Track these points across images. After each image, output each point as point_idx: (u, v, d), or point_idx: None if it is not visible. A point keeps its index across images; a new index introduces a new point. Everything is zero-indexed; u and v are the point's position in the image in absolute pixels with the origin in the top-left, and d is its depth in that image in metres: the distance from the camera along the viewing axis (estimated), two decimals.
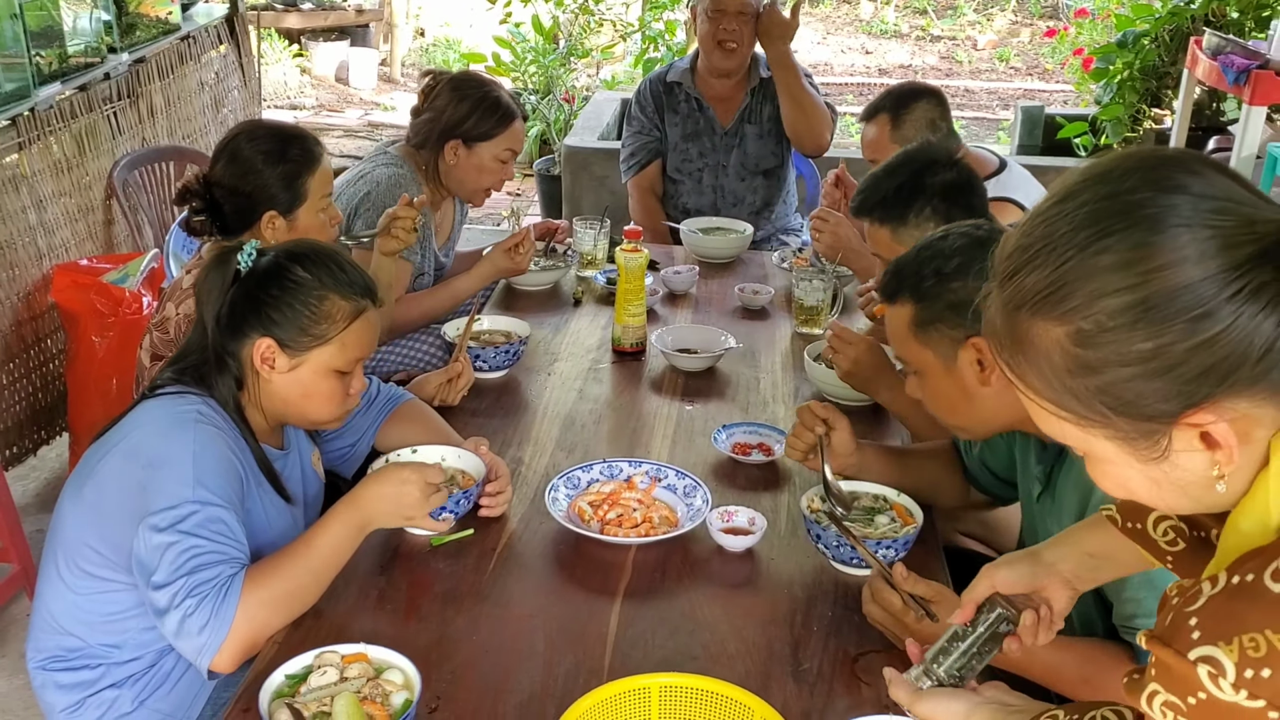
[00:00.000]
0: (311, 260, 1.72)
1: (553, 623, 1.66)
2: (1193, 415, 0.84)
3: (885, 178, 2.18)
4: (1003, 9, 12.50)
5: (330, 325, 1.70)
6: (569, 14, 6.83)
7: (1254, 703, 0.78)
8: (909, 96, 2.83)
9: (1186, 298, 0.81)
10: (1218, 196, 0.83)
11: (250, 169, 2.20)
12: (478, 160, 2.80)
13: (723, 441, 2.15)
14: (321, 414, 1.79)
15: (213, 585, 1.51)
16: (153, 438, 1.65)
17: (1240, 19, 4.62)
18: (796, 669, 1.58)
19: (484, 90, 2.81)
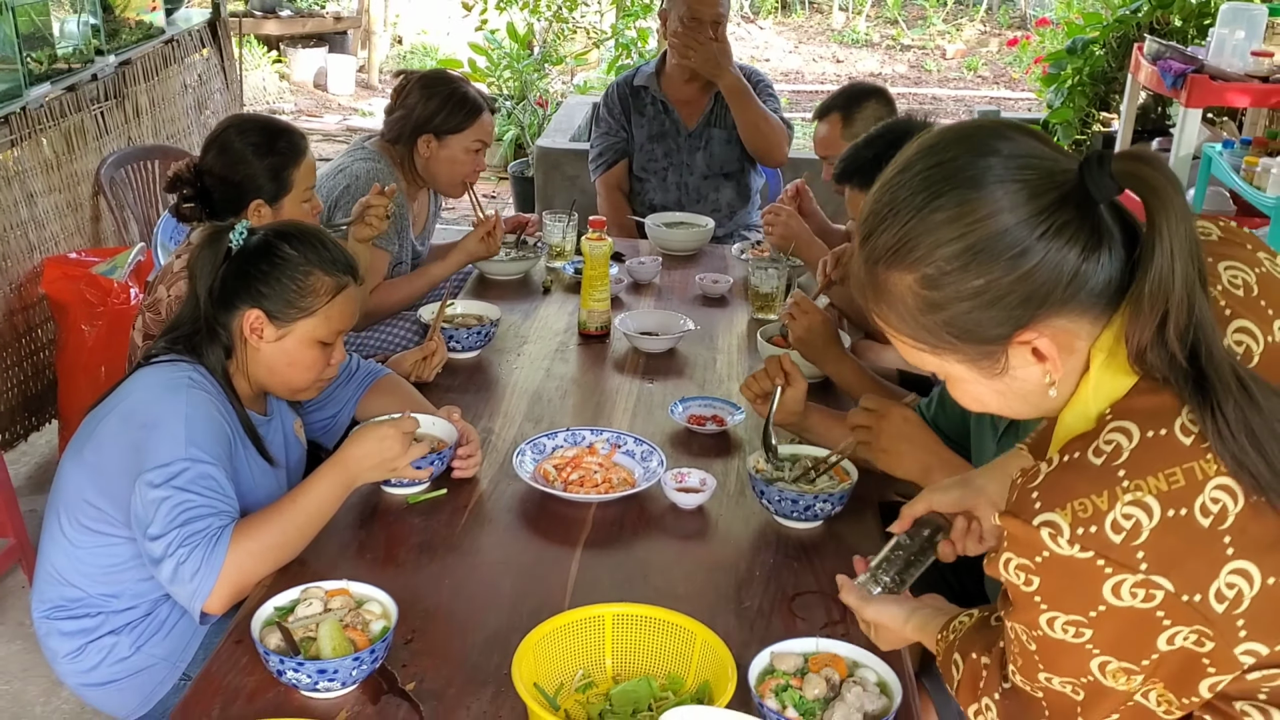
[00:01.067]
0: (298, 239, 1.87)
1: (518, 570, 1.82)
2: (1022, 335, 1.05)
3: (864, 147, 2.34)
4: (971, 19, 12.73)
5: (315, 299, 1.86)
6: (544, 21, 7.00)
7: (1085, 554, 0.96)
8: (860, 96, 3.01)
9: (1006, 240, 1.01)
10: (1024, 154, 1.03)
11: (240, 159, 2.35)
12: (449, 153, 2.96)
13: (679, 413, 2.31)
14: (302, 381, 1.93)
15: (204, 535, 1.65)
16: (147, 401, 1.79)
17: (1183, 26, 4.82)
18: (739, 607, 1.74)
19: (452, 86, 2.97)
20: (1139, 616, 0.97)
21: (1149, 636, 0.98)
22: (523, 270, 3.15)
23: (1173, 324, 0.98)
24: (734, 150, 3.78)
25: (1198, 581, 0.95)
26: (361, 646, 1.51)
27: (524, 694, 1.40)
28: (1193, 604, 0.95)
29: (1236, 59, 4.06)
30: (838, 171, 2.39)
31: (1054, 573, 1.00)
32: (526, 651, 1.48)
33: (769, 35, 12.05)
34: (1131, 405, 1.02)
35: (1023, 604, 1.05)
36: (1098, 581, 0.97)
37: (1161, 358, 0.99)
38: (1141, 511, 0.95)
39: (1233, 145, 3.91)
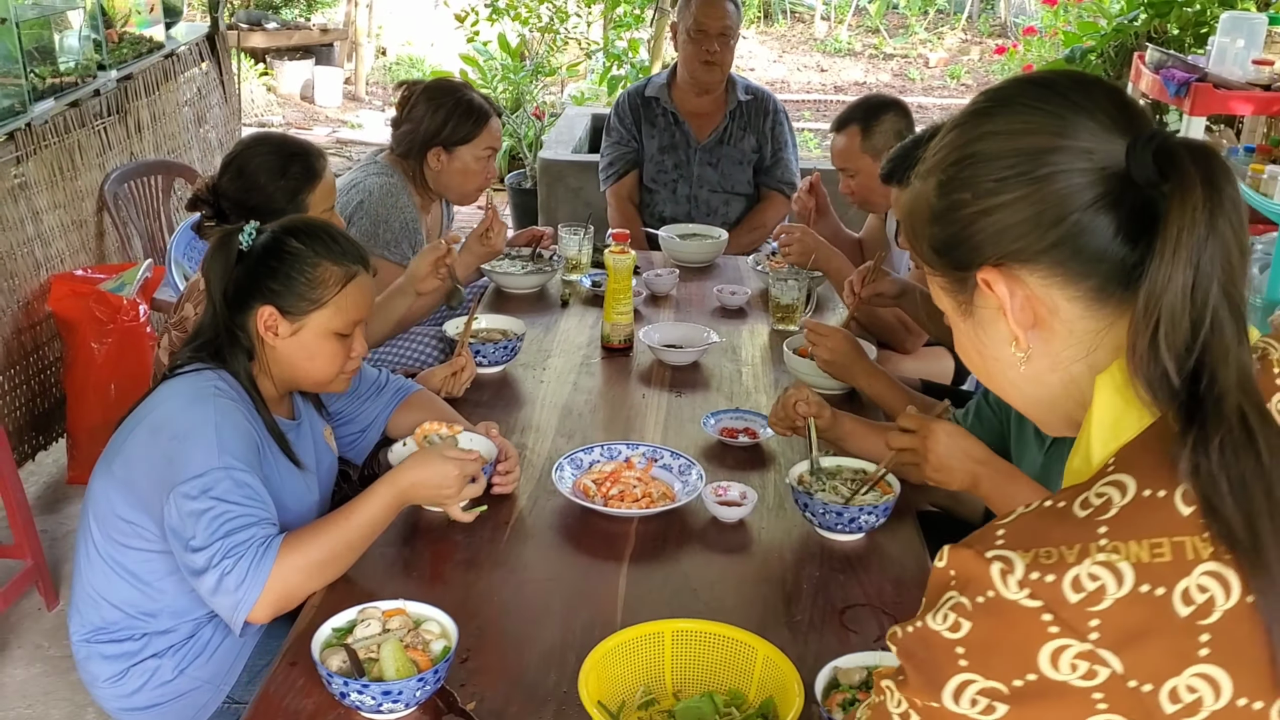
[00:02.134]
0: (305, 233, 1.87)
1: (566, 585, 1.81)
2: (986, 270, 0.95)
3: (914, 148, 2.38)
4: (953, 28, 12.83)
5: (325, 290, 1.85)
6: (534, 32, 7.00)
7: (1032, 603, 0.80)
8: (878, 109, 3.03)
9: (1026, 158, 0.92)
10: None
11: (254, 184, 2.34)
12: (460, 164, 2.95)
13: (711, 426, 2.31)
14: (325, 374, 1.91)
15: (249, 545, 1.64)
16: (176, 412, 1.78)
17: (1180, 35, 4.87)
18: (790, 620, 1.74)
19: (457, 96, 2.95)
20: (1071, 697, 0.79)
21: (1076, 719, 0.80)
22: (539, 284, 3.14)
23: (1164, 334, 0.85)
24: (745, 173, 3.81)
25: (1154, 671, 0.78)
26: (424, 667, 1.50)
27: (592, 712, 1.40)
28: (1139, 694, 0.78)
29: (1237, 67, 4.10)
30: (886, 171, 2.41)
31: (990, 620, 0.81)
32: (590, 670, 1.48)
33: (752, 45, 12.10)
34: (1137, 455, 0.87)
35: (932, 664, 0.84)
36: (1036, 642, 0.79)
37: (1154, 373, 0.86)
38: (1111, 576, 0.79)
39: (1238, 152, 3.95)
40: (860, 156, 3.01)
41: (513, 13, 6.79)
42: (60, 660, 2.78)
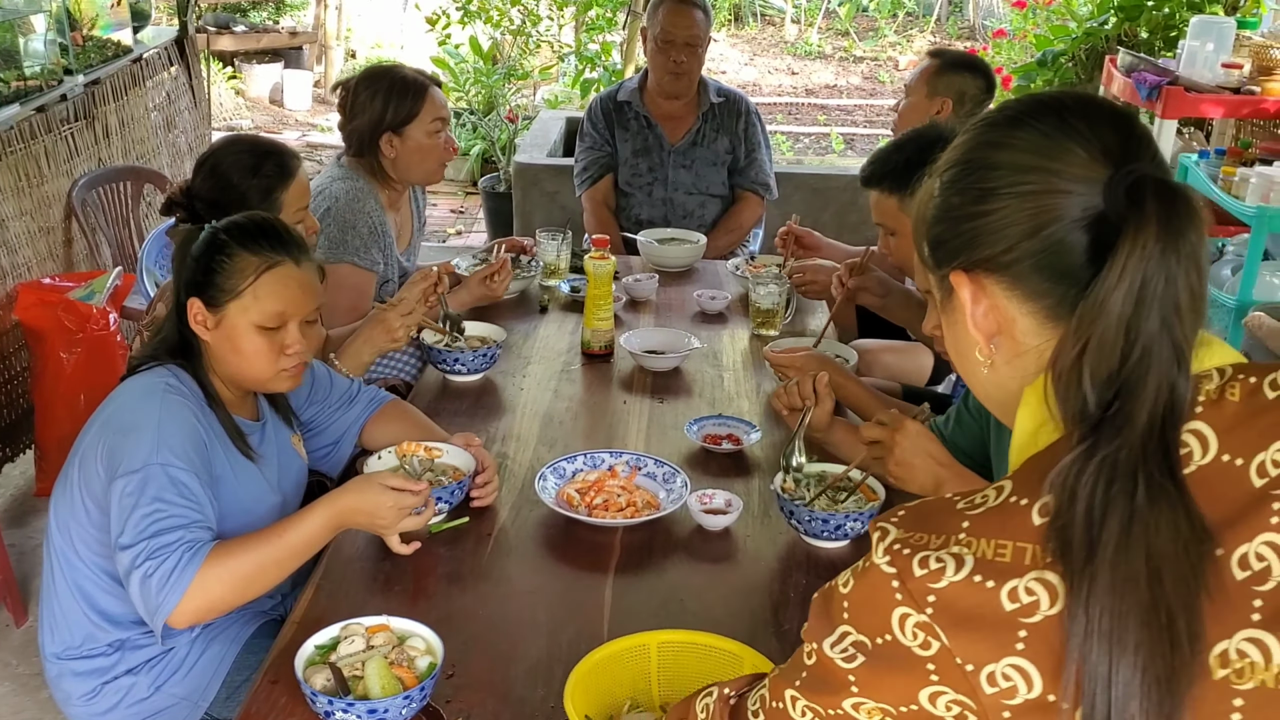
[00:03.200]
0: (234, 225, 1.84)
1: (552, 597, 1.79)
2: (956, 273, 0.99)
3: (894, 152, 2.36)
4: (922, 30, 12.89)
5: (240, 279, 1.79)
6: (506, 35, 6.97)
7: (889, 569, 0.90)
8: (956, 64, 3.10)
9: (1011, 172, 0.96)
10: None
11: (227, 183, 2.30)
12: (413, 143, 2.86)
13: (694, 433, 2.29)
14: (256, 371, 1.84)
15: (173, 548, 1.58)
16: (124, 409, 1.76)
17: (1150, 39, 4.90)
18: (779, 629, 1.72)
19: (390, 77, 2.87)
20: (912, 660, 0.90)
21: (914, 685, 0.90)
22: (518, 290, 3.12)
23: (1090, 358, 0.87)
24: (719, 174, 3.80)
25: (976, 654, 0.86)
26: (409, 684, 1.47)
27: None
28: (964, 671, 0.87)
29: (1207, 71, 4.13)
30: (865, 175, 2.40)
31: (864, 580, 0.93)
32: (576, 684, 1.46)
33: (723, 48, 12.11)
34: (1031, 464, 0.92)
35: (825, 614, 0.97)
36: (889, 606, 0.90)
37: (1070, 393, 0.89)
38: (953, 563, 0.88)
39: (1208, 155, 3.98)
40: (921, 85, 3.05)
41: (484, 15, 6.76)
42: (30, 678, 2.72)
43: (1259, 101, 4.09)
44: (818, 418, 2.09)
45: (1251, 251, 3.50)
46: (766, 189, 3.85)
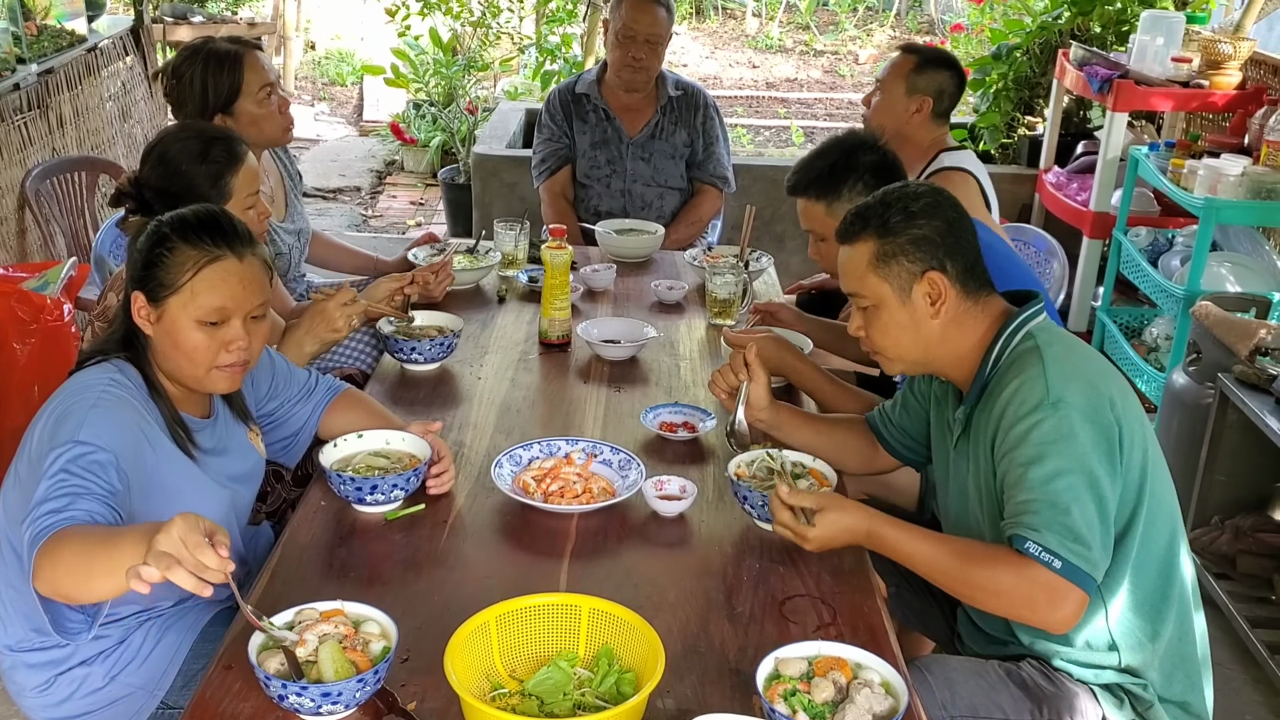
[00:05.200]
0: (178, 219, 1.80)
1: (507, 582, 1.80)
2: None
3: (817, 159, 2.40)
4: (882, 25, 12.96)
5: (180, 273, 1.77)
6: (466, 27, 6.94)
7: None
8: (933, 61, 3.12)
9: None
10: None
11: (176, 169, 2.28)
12: (246, 116, 2.77)
13: (650, 421, 2.31)
14: (195, 368, 1.80)
15: (47, 516, 1.51)
16: (63, 402, 1.73)
17: (1102, 33, 4.96)
18: (731, 612, 1.75)
19: (203, 55, 2.76)
20: None
21: None
22: (475, 280, 3.12)
23: None
24: (678, 166, 3.82)
25: None
26: (363, 668, 1.48)
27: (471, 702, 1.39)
28: None
29: (1157, 65, 4.20)
30: (791, 184, 2.43)
31: None
32: (449, 660, 1.46)
33: (684, 41, 12.12)
34: None
35: None
36: None
37: None
38: None
39: (1158, 148, 4.04)
40: (897, 82, 3.06)
41: (444, 7, 6.73)
42: None
43: (1207, 95, 4.16)
44: (755, 395, 2.11)
45: (1199, 242, 3.56)
46: (725, 181, 3.87)
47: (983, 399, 1.84)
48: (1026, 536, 1.65)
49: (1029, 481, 1.67)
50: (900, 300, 1.84)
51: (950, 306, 1.82)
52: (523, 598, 1.59)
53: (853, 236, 1.88)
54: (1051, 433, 1.68)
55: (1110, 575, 1.75)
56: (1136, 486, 1.77)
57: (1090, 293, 4.37)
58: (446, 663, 1.46)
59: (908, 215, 1.82)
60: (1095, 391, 1.72)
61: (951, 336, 1.84)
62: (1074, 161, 4.89)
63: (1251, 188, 3.52)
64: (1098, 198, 4.28)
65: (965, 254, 1.84)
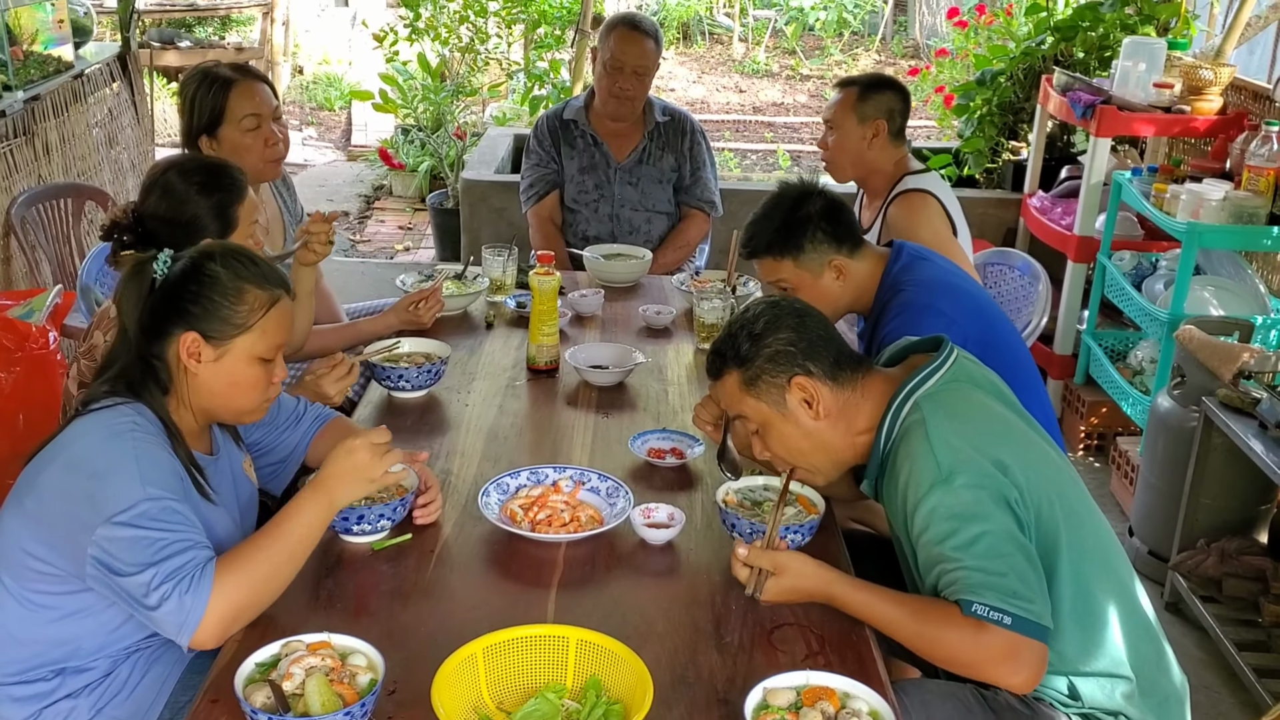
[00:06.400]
0: (224, 257, 1.83)
1: (495, 613, 1.79)
2: None
3: (764, 221, 2.43)
4: (867, 49, 13.06)
5: (250, 313, 1.81)
6: (454, 53, 6.97)
7: None
8: (882, 84, 3.15)
9: None
10: None
11: (185, 200, 2.29)
12: (229, 143, 2.74)
13: (638, 447, 2.32)
14: (247, 403, 1.88)
15: (188, 568, 1.61)
16: (93, 450, 1.73)
17: (1085, 59, 5.00)
18: (720, 642, 1.75)
19: (199, 77, 2.76)
20: None
21: None
22: (463, 306, 3.12)
23: None
24: (666, 191, 3.84)
25: None
26: (350, 700, 1.48)
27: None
28: None
29: (1140, 90, 4.23)
30: (748, 250, 2.46)
31: None
32: (436, 703, 1.47)
33: (672, 66, 12.19)
34: None
35: None
36: None
37: None
38: None
39: (1140, 173, 4.07)
40: (847, 115, 3.08)
41: (432, 33, 6.76)
42: None
43: (1189, 120, 4.19)
44: (738, 425, 2.11)
45: (1183, 266, 3.58)
46: (712, 206, 3.89)
47: (884, 474, 1.88)
48: (971, 600, 1.66)
49: (952, 554, 1.70)
50: (781, 414, 1.88)
51: (827, 403, 1.87)
52: (510, 629, 1.59)
53: (718, 374, 1.94)
54: (954, 506, 1.71)
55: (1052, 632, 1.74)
56: (1050, 541, 1.78)
57: (1075, 316, 4.39)
58: (434, 695, 1.46)
59: (753, 338, 1.88)
60: (984, 458, 1.75)
61: (841, 430, 1.89)
62: (1058, 186, 4.92)
63: (1233, 212, 3.55)
64: (1082, 222, 4.30)
65: (824, 350, 1.88)
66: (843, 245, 2.41)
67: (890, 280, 2.44)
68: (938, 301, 2.36)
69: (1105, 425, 4.23)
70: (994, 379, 1.97)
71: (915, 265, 2.45)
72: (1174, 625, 3.22)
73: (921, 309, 2.34)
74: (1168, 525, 3.33)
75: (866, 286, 2.46)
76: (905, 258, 2.46)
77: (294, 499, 1.77)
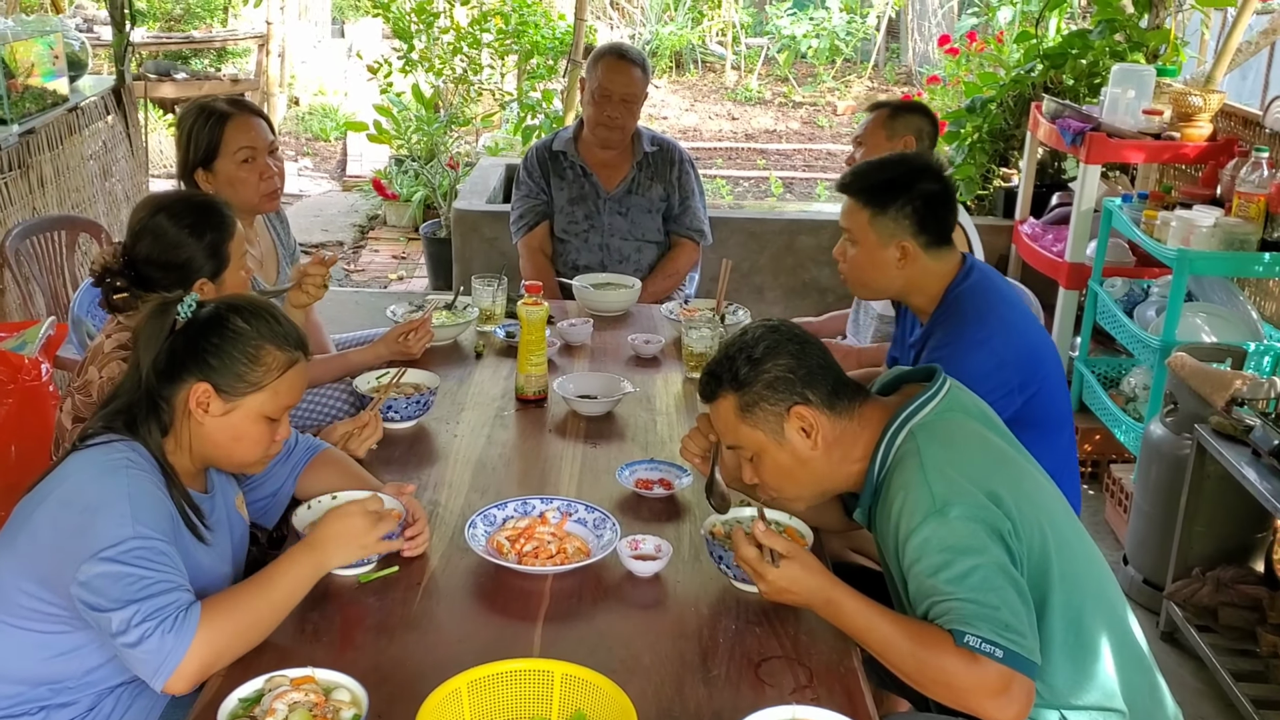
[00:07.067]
0: (250, 312, 1.84)
1: (480, 647, 1.78)
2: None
3: (880, 168, 2.40)
4: (860, 76, 13.13)
5: (265, 373, 1.82)
6: (448, 84, 7.01)
7: None
8: (910, 108, 3.21)
9: None
10: None
11: (178, 243, 2.26)
12: (224, 176, 2.76)
13: (626, 477, 2.31)
14: (248, 457, 1.89)
15: (169, 608, 1.61)
16: (86, 485, 1.73)
17: (1075, 86, 5.03)
18: (706, 675, 1.74)
19: (196, 111, 2.78)
20: None
21: None
22: (453, 336, 3.12)
23: None
24: (654, 220, 3.86)
25: None
26: None
27: None
28: None
29: (1129, 117, 4.25)
30: (846, 181, 2.41)
31: None
32: None
33: (664, 94, 12.25)
34: None
35: None
36: None
37: None
38: None
39: (1131, 199, 4.08)
40: (877, 133, 3.11)
41: (426, 64, 6.79)
42: None
43: (1179, 147, 4.21)
44: (728, 455, 2.10)
45: (1174, 293, 3.59)
46: (701, 234, 3.90)
47: (877, 502, 1.86)
48: (964, 630, 1.64)
49: (945, 586, 1.68)
50: (777, 443, 1.86)
51: (825, 432, 1.85)
52: (495, 663, 1.58)
53: (712, 396, 1.91)
54: (948, 538, 1.69)
55: (1042, 664, 1.73)
56: (1041, 573, 1.77)
57: (1068, 343, 4.39)
58: None
59: (752, 363, 1.85)
60: (977, 489, 1.73)
61: (836, 459, 1.87)
62: (1049, 213, 4.94)
63: (1224, 239, 3.55)
64: (1073, 249, 4.32)
65: (823, 378, 1.86)
66: (923, 233, 2.34)
67: (953, 297, 2.39)
68: (993, 339, 2.32)
69: (1098, 452, 4.23)
70: (984, 408, 1.97)
71: (979, 291, 2.39)
72: (1170, 655, 3.21)
73: (974, 345, 2.30)
74: (1162, 553, 3.32)
75: (924, 285, 2.40)
76: (975, 276, 2.40)
77: (285, 554, 1.78)
